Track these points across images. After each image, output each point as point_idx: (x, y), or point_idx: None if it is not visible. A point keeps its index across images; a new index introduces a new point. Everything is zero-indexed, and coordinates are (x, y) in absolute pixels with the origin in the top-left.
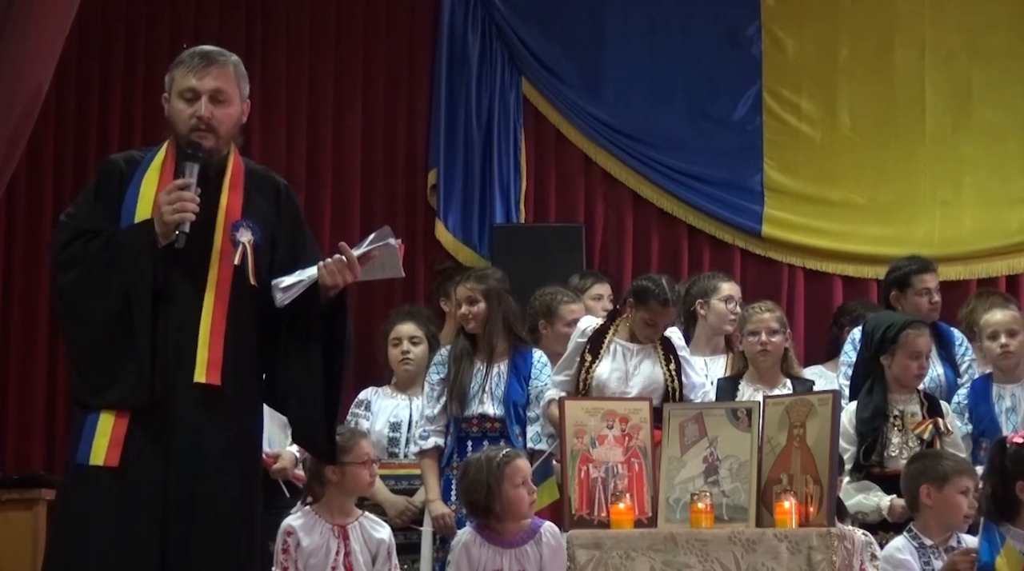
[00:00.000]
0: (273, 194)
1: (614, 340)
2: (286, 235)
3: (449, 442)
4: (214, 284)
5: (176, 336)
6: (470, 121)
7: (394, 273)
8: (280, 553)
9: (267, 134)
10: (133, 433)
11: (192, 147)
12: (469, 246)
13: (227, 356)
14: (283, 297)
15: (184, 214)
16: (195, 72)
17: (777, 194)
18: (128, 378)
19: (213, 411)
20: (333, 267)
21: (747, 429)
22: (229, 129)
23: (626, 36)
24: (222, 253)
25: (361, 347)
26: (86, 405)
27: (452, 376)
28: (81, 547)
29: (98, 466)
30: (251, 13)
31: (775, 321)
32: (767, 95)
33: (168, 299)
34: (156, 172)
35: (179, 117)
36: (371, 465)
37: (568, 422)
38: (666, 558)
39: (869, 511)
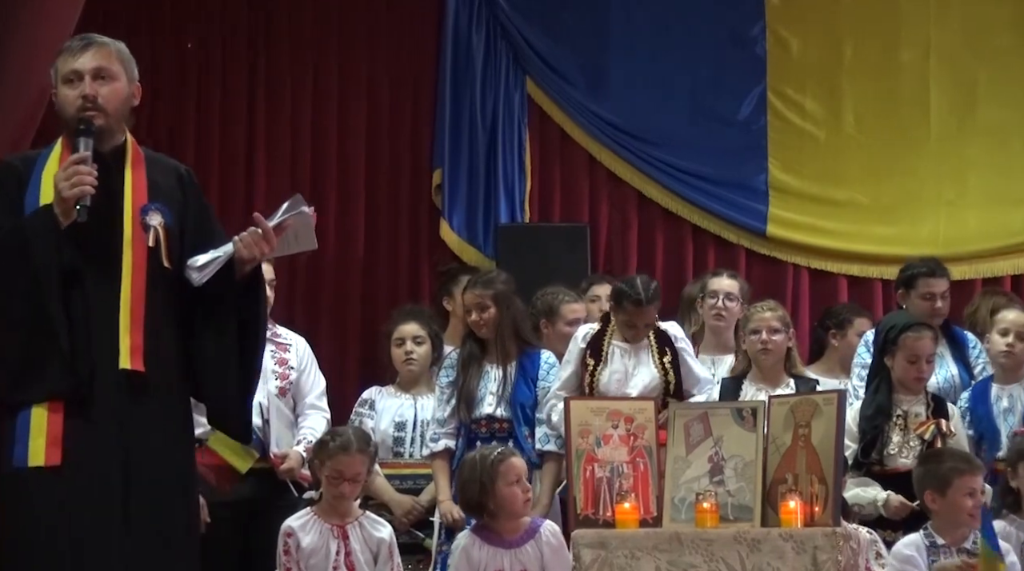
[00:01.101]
0: (176, 178)
1: (612, 342)
2: (193, 218)
3: (460, 444)
4: (129, 269)
5: (94, 323)
6: (475, 121)
7: (308, 245)
8: (282, 555)
9: (272, 136)
10: (67, 428)
11: (83, 122)
12: (474, 246)
13: (148, 341)
14: (200, 276)
15: (83, 187)
16: (75, 54)
17: (782, 194)
18: (50, 367)
19: (139, 397)
20: (249, 239)
21: (752, 429)
22: (118, 107)
23: (630, 35)
24: (134, 237)
25: (365, 346)
26: (12, 404)
27: (461, 381)
28: (32, 554)
29: (39, 467)
30: (254, 13)
31: (776, 320)
32: (772, 95)
33: (81, 286)
34: (55, 163)
35: (66, 101)
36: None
37: (573, 422)
38: (671, 558)
39: (866, 503)
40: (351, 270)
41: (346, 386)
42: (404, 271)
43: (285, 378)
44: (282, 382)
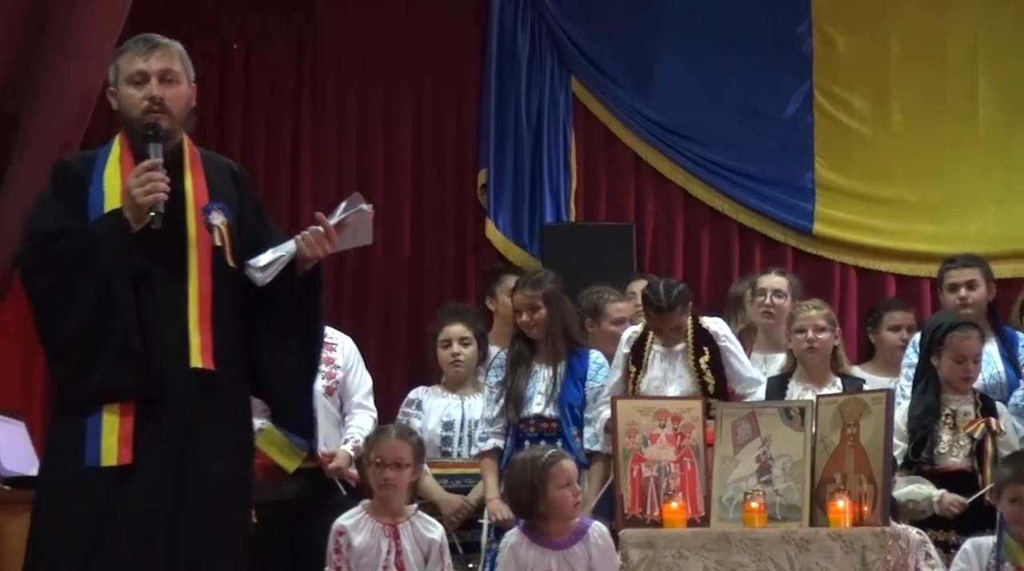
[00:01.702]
0: (231, 177)
1: (652, 347)
2: (249, 216)
3: (508, 444)
4: (195, 269)
5: (163, 323)
6: (520, 120)
7: (364, 240)
8: (332, 553)
9: (318, 136)
10: (138, 427)
11: (152, 129)
12: (519, 245)
13: (215, 340)
14: (263, 276)
15: (157, 195)
16: (141, 55)
17: (828, 192)
18: (122, 368)
19: (209, 396)
20: (311, 238)
21: (800, 428)
22: (181, 110)
23: (676, 34)
24: (198, 237)
25: (411, 346)
26: (81, 405)
27: (509, 381)
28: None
29: (111, 466)
30: (300, 14)
31: (822, 318)
32: (818, 93)
33: (150, 286)
34: (116, 164)
35: (130, 102)
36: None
37: (620, 421)
38: (719, 557)
39: (920, 500)
40: (397, 270)
41: (392, 385)
42: (450, 271)
43: (332, 377)
44: (329, 381)
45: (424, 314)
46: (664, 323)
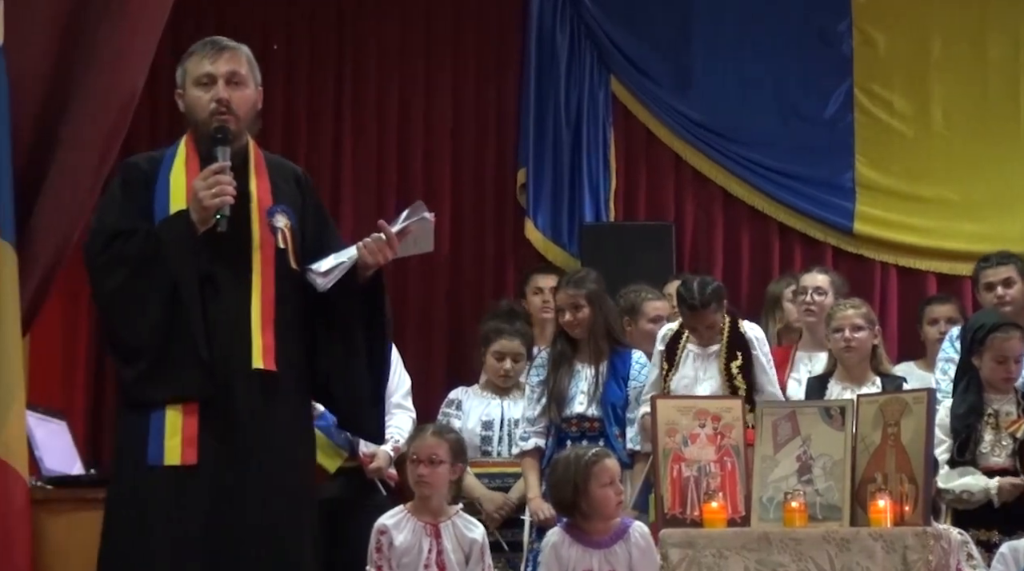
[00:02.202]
0: (294, 181)
1: (687, 345)
2: (312, 220)
3: (550, 443)
4: (259, 271)
5: (225, 324)
6: (559, 120)
7: (426, 248)
8: (374, 552)
9: (358, 135)
10: (202, 427)
11: (220, 131)
12: (558, 245)
13: (277, 342)
14: (324, 281)
15: (224, 198)
16: (209, 57)
17: (869, 191)
18: (187, 369)
19: (270, 397)
20: (373, 246)
21: (840, 428)
22: (247, 112)
23: (715, 34)
24: (262, 239)
25: (450, 346)
26: (146, 404)
27: (551, 381)
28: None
29: (174, 466)
30: (341, 14)
31: (859, 317)
32: (858, 92)
33: (214, 288)
34: (182, 165)
35: (198, 104)
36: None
37: (660, 421)
38: (759, 557)
39: (976, 491)
40: (437, 269)
41: (431, 385)
42: (489, 270)
43: None
44: None
45: (463, 314)
46: (698, 321)
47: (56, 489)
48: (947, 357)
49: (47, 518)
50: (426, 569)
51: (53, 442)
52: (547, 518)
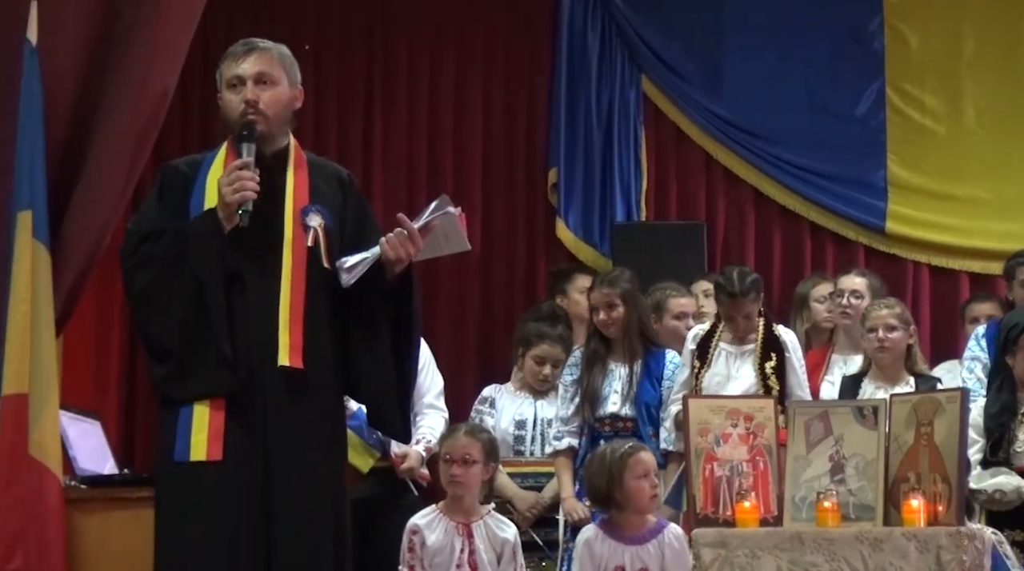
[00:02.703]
0: (337, 181)
1: (719, 344)
2: (353, 221)
3: (583, 443)
4: (289, 268)
5: (253, 321)
6: (590, 119)
7: (460, 247)
8: (406, 551)
9: (389, 136)
10: (228, 424)
11: (246, 128)
12: (590, 244)
13: (306, 340)
14: (348, 277)
15: (245, 193)
16: (238, 59)
17: (901, 190)
18: (211, 366)
19: (297, 395)
20: (395, 241)
21: (873, 427)
22: (279, 112)
23: (746, 32)
24: (294, 238)
25: (482, 345)
26: (175, 401)
27: (585, 380)
28: (193, 544)
29: (200, 461)
30: (372, 14)
31: (893, 317)
32: (890, 90)
33: (241, 285)
34: (219, 166)
35: (229, 106)
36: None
37: (692, 420)
38: (792, 557)
39: (1009, 491)
40: (468, 269)
41: (463, 385)
42: (520, 270)
43: None
44: None
45: (495, 314)
46: (736, 309)
47: (90, 488)
48: (972, 356)
49: (81, 517)
50: (458, 569)
51: (86, 442)
52: (581, 518)
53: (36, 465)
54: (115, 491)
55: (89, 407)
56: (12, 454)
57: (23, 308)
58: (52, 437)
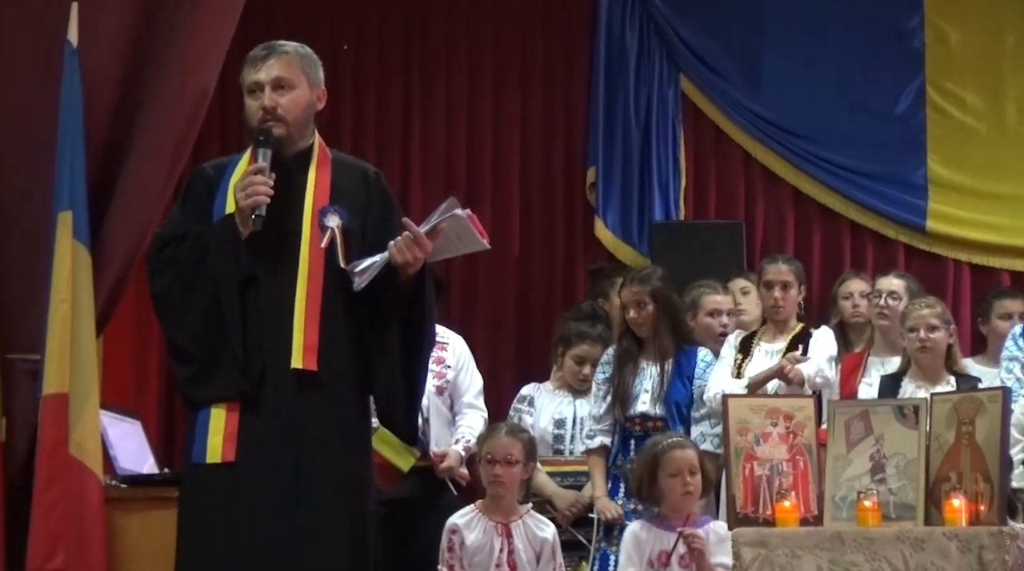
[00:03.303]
0: (361, 180)
1: (760, 343)
2: (376, 220)
3: (615, 441)
4: (305, 270)
5: (268, 323)
6: (628, 119)
7: (476, 246)
8: (445, 551)
9: (427, 136)
10: (242, 426)
11: (261, 134)
12: (628, 244)
13: (322, 340)
14: (359, 281)
15: (257, 198)
16: (256, 65)
17: (941, 188)
18: (225, 369)
19: (311, 397)
20: (402, 244)
21: (914, 427)
22: (298, 116)
23: (785, 31)
24: (311, 239)
25: (520, 344)
26: (193, 403)
27: (616, 379)
28: (208, 546)
29: (215, 463)
30: (410, 14)
31: (934, 317)
32: (930, 88)
33: (258, 288)
34: (242, 171)
35: (249, 112)
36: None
37: (732, 419)
38: (833, 556)
39: None
40: (506, 268)
41: (501, 384)
42: (559, 269)
43: (442, 377)
44: (440, 381)
45: (533, 313)
46: (778, 274)
47: (130, 488)
48: (1011, 356)
49: (121, 516)
50: (497, 568)
51: (127, 441)
52: (613, 518)
53: (77, 465)
54: (155, 490)
55: (129, 407)
56: (53, 454)
57: (64, 309)
58: (93, 437)
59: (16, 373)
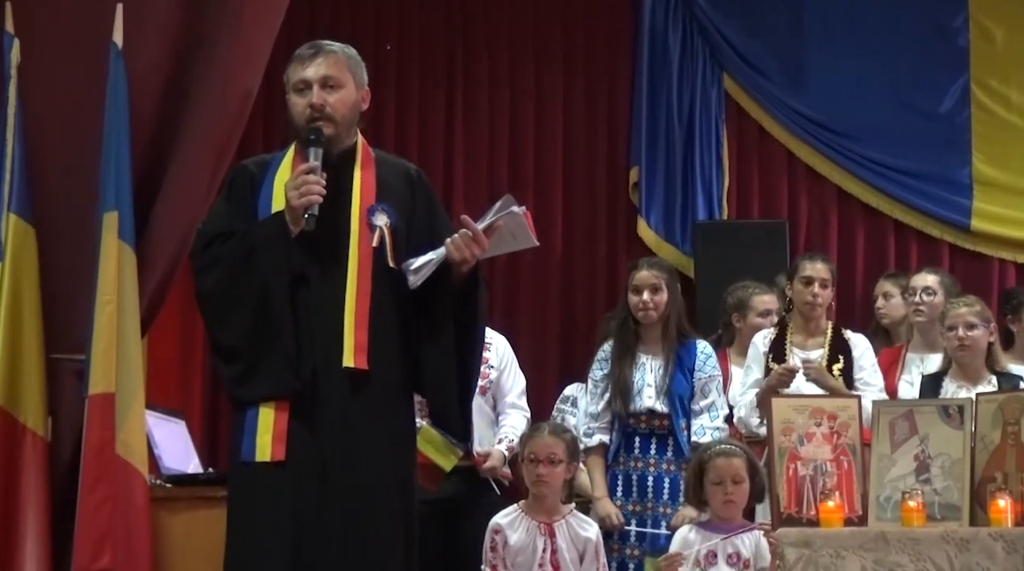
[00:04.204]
0: (405, 178)
1: (792, 348)
2: (421, 218)
3: (615, 438)
4: (355, 269)
5: (319, 323)
6: (671, 118)
7: (527, 243)
8: (488, 551)
9: (470, 136)
10: (292, 425)
11: (313, 133)
12: (671, 243)
13: (372, 340)
14: (415, 279)
15: (311, 197)
16: (304, 63)
17: (986, 187)
18: (275, 367)
19: (362, 395)
20: (460, 242)
21: (959, 426)
22: (346, 115)
23: (828, 29)
24: (360, 237)
25: (563, 344)
26: (241, 402)
27: (617, 373)
28: (257, 545)
29: (265, 462)
30: (452, 15)
31: (973, 316)
32: (975, 86)
33: (308, 286)
34: (287, 169)
35: (296, 110)
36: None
37: (776, 420)
38: (877, 557)
39: None
40: (549, 268)
41: (544, 384)
42: (601, 269)
43: (485, 377)
44: (483, 381)
45: (576, 313)
46: (816, 271)
47: (175, 487)
48: None
49: (166, 516)
50: (540, 568)
51: (171, 441)
52: (615, 525)
53: (123, 464)
54: (199, 490)
55: (174, 407)
56: (99, 453)
57: (109, 309)
58: (138, 436)
59: (62, 373)
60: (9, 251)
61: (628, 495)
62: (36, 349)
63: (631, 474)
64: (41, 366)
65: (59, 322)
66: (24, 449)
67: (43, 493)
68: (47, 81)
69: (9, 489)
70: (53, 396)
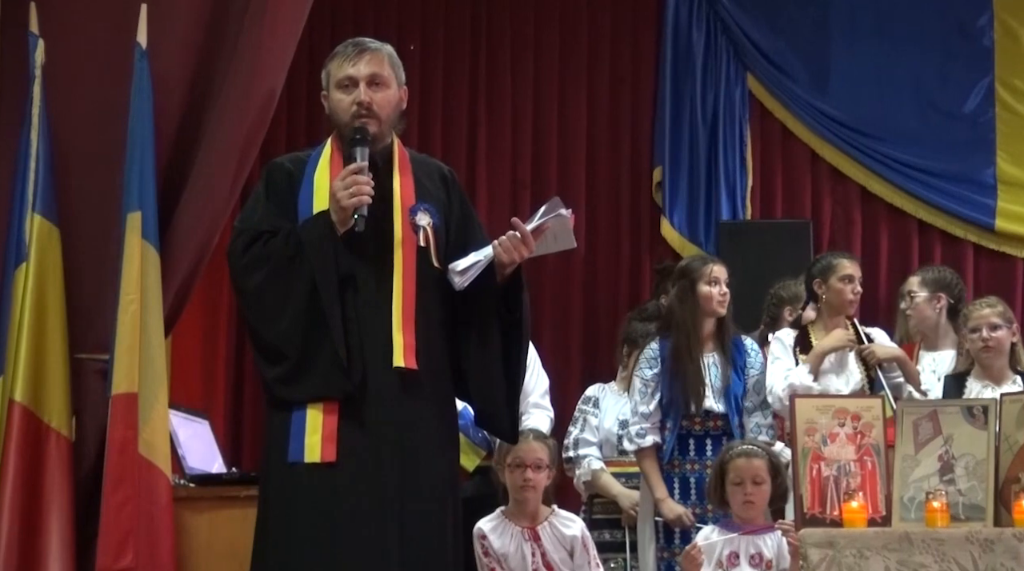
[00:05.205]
0: (440, 178)
1: (817, 341)
2: (457, 218)
3: (668, 439)
4: (400, 269)
5: (367, 323)
6: (695, 118)
7: (567, 245)
8: (481, 557)
9: (493, 135)
10: (342, 426)
11: (359, 132)
12: (695, 243)
13: (418, 340)
14: (461, 280)
15: (361, 198)
16: (350, 60)
17: (1011, 187)
18: (325, 368)
19: (411, 396)
20: (508, 244)
21: (983, 427)
22: (389, 114)
23: (853, 29)
24: (404, 238)
25: (586, 344)
26: (287, 403)
27: (687, 372)
28: (304, 545)
29: (315, 463)
30: (476, 15)
31: (996, 316)
32: (1000, 86)
33: (354, 287)
34: (326, 166)
35: (340, 107)
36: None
37: (799, 420)
38: (901, 557)
39: None
40: (573, 268)
41: (568, 384)
42: (625, 269)
43: None
44: None
45: (599, 313)
46: (853, 269)
47: (198, 487)
48: None
49: (190, 515)
50: None
51: (195, 441)
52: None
53: (146, 464)
54: (223, 490)
55: (197, 407)
56: (123, 453)
57: (133, 309)
58: (161, 436)
59: (86, 373)
60: (34, 251)
61: (686, 498)
62: (60, 349)
63: (688, 476)
64: (65, 366)
65: (83, 322)
66: (48, 449)
67: (67, 493)
68: (71, 82)
69: (33, 488)
70: (77, 396)
